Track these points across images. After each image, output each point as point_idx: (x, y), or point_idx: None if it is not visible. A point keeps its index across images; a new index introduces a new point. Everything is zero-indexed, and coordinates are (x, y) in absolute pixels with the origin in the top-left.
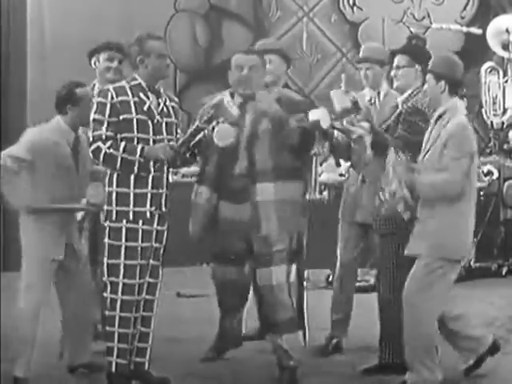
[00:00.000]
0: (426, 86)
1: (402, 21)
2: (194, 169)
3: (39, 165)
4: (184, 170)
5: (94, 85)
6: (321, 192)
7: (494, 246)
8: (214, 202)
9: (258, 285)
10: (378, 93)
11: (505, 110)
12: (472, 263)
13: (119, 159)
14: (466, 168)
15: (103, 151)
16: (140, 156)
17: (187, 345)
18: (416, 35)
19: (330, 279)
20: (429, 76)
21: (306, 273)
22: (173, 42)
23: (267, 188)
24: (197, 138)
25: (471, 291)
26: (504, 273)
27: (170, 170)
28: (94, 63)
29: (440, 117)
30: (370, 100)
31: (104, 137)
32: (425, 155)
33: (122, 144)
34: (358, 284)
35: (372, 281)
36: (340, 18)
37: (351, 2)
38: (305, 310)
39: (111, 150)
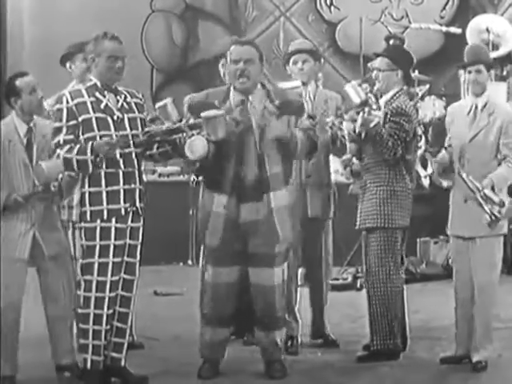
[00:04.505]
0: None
1: (380, 20)
2: (171, 168)
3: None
4: (160, 169)
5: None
6: None
7: None
8: (233, 207)
9: (260, 284)
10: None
11: None
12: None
13: (74, 161)
14: None
15: (61, 157)
16: (91, 154)
17: (165, 343)
18: (393, 35)
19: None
20: (478, 67)
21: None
22: (149, 41)
23: (280, 194)
24: (173, 137)
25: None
26: None
27: (143, 166)
28: (70, 67)
29: (484, 106)
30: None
31: (62, 142)
32: (471, 140)
33: (77, 146)
34: (334, 282)
35: (350, 279)
36: (317, 17)
37: (328, 1)
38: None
39: (66, 154)
